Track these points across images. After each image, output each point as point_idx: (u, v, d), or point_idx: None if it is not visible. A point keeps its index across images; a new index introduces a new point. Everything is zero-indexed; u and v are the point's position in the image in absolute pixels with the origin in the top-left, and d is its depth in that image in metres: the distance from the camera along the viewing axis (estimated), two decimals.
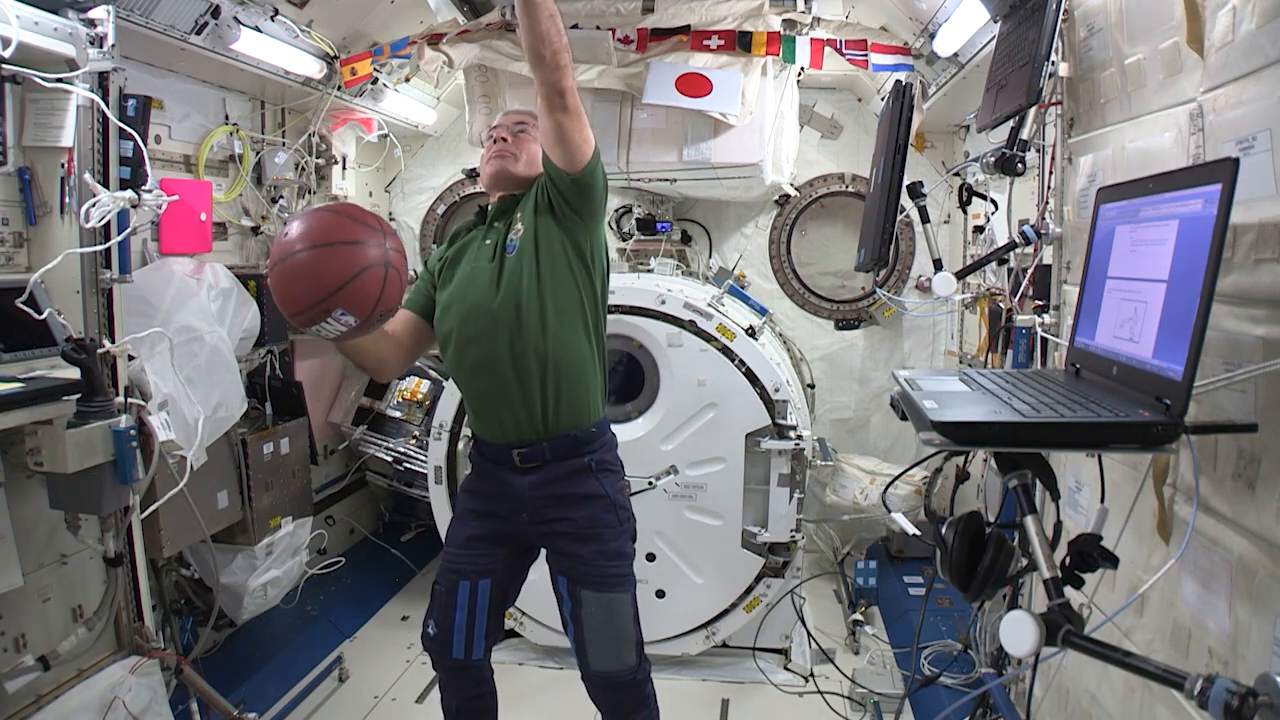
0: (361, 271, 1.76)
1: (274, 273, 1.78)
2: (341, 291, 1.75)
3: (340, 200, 4.04)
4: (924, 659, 3.03)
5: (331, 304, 1.75)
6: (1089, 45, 1.94)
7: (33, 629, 2.15)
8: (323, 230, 1.79)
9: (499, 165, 2.18)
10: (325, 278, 1.74)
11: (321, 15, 3.23)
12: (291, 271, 1.76)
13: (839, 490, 3.89)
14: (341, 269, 1.75)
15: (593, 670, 2.17)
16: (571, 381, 2.08)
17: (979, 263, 2.52)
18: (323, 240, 1.77)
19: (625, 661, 2.15)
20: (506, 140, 2.19)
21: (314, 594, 3.57)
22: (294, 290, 1.76)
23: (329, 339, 1.83)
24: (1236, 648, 1.28)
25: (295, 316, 1.78)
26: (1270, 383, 1.22)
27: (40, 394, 1.88)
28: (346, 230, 1.80)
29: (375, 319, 1.83)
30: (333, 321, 1.77)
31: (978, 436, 1.20)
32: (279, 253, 1.79)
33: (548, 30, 1.87)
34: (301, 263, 1.75)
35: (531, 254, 2.06)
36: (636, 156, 3.45)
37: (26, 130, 2.18)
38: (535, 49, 1.89)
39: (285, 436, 3.23)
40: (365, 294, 1.77)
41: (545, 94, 1.94)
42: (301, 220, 1.82)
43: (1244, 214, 1.26)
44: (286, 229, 1.82)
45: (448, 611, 2.19)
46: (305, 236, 1.77)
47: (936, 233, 3.27)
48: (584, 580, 2.13)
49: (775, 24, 3.26)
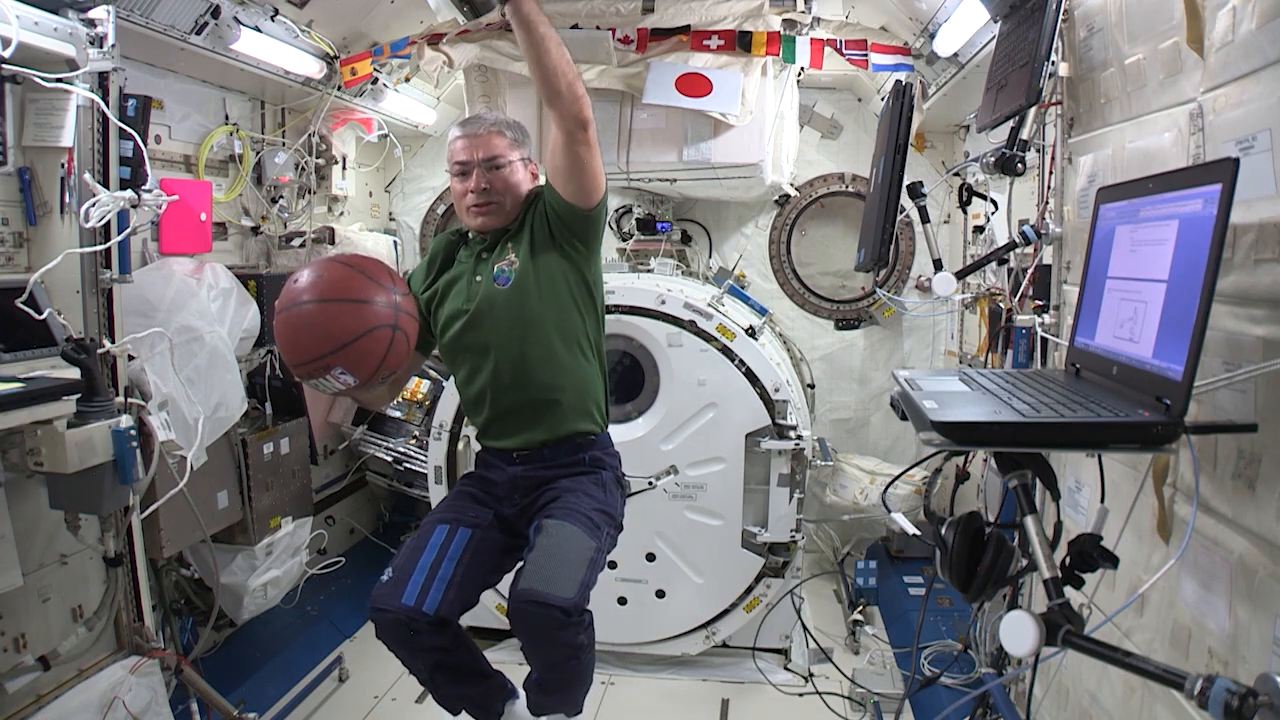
0: (367, 332, 1.70)
1: (279, 319, 1.74)
2: (343, 350, 1.69)
3: (341, 198, 4.05)
4: (924, 659, 3.02)
5: (332, 362, 1.69)
6: (1089, 45, 1.94)
7: (33, 629, 2.15)
8: (333, 283, 1.74)
9: (484, 221, 2.03)
10: (329, 334, 1.69)
11: (321, 15, 3.22)
12: (295, 321, 1.71)
13: (839, 490, 3.89)
14: (346, 327, 1.69)
15: (520, 589, 1.77)
16: (578, 399, 2.07)
17: (979, 263, 2.52)
18: (331, 295, 1.72)
19: (561, 590, 1.76)
20: (486, 189, 2.00)
21: (314, 594, 3.57)
22: (297, 340, 1.72)
23: (327, 394, 1.78)
24: (1236, 648, 1.28)
25: (295, 367, 1.74)
26: (1270, 383, 1.22)
27: (40, 394, 1.88)
28: (357, 286, 1.74)
29: (376, 380, 1.77)
30: (330, 379, 1.71)
31: (978, 436, 1.20)
32: (286, 299, 1.74)
33: (558, 62, 1.77)
34: (305, 314, 1.70)
35: (535, 289, 1.99)
36: (636, 156, 3.45)
37: (26, 130, 2.18)
38: (549, 83, 1.79)
39: (285, 436, 3.23)
40: (369, 355, 1.71)
41: (566, 128, 1.84)
42: (313, 269, 1.76)
43: (1244, 214, 1.26)
44: (297, 275, 1.77)
45: (413, 555, 1.94)
46: (314, 287, 1.72)
47: (936, 233, 3.27)
48: (552, 512, 1.93)
49: (775, 24, 3.26)
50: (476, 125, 2.04)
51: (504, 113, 3.46)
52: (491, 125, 2.03)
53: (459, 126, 2.07)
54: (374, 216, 4.52)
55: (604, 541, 1.97)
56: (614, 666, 3.33)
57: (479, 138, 2.02)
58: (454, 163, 2.04)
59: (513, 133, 2.06)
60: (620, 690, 3.22)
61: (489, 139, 2.01)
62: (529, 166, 2.10)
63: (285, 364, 1.80)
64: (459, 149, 2.03)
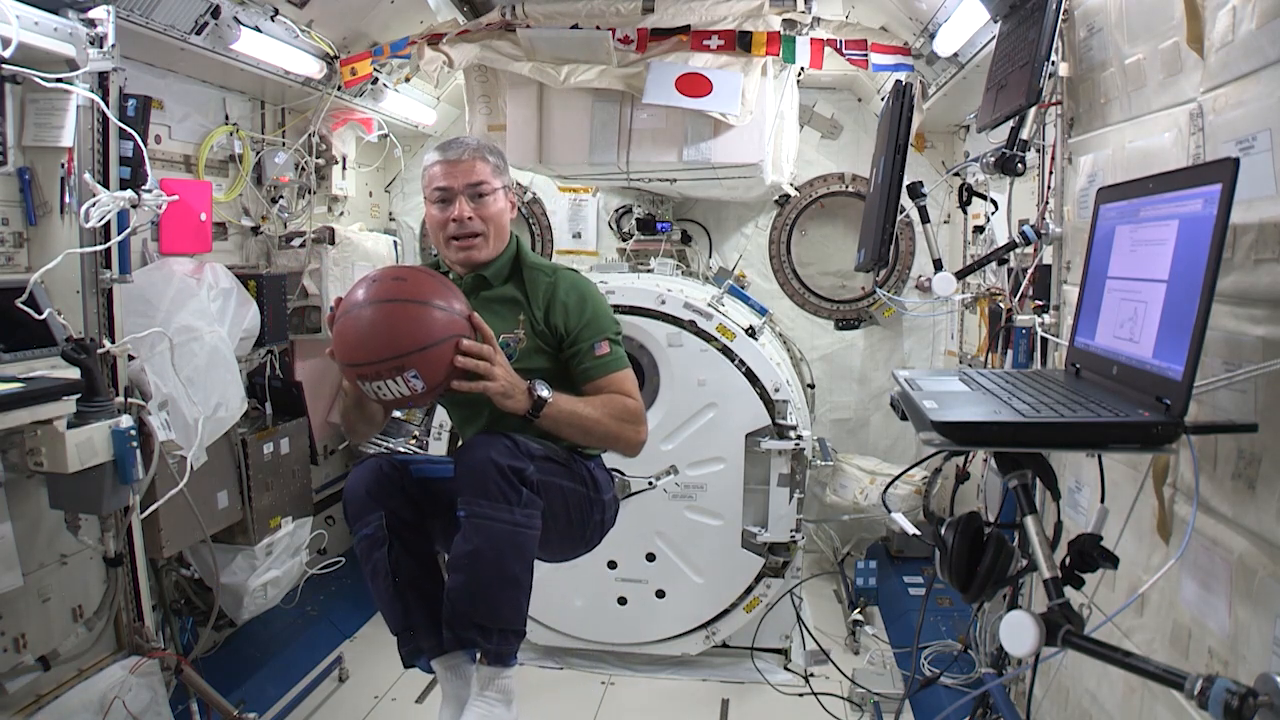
0: (447, 339, 1.66)
1: (361, 311, 1.65)
2: (424, 353, 1.62)
3: (341, 198, 4.05)
4: (924, 659, 3.02)
5: (409, 363, 1.62)
6: (1089, 45, 1.94)
7: (33, 629, 2.15)
8: (425, 287, 1.70)
9: (466, 257, 1.91)
10: (415, 333, 1.63)
11: (321, 15, 3.22)
12: (376, 317, 1.64)
13: (839, 490, 3.89)
14: (430, 330, 1.64)
15: (462, 455, 1.73)
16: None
17: (979, 263, 2.52)
18: (423, 297, 1.67)
19: (518, 455, 1.71)
20: (470, 220, 1.87)
21: (314, 594, 3.57)
22: (379, 335, 1.63)
23: (380, 399, 1.69)
24: (1236, 648, 1.28)
25: (367, 364, 1.63)
26: (1270, 383, 1.22)
27: (40, 394, 1.88)
28: (442, 293, 1.71)
29: (438, 392, 1.69)
30: (399, 381, 1.63)
31: (978, 436, 1.20)
32: (375, 293, 1.66)
33: (606, 433, 1.86)
34: (397, 311, 1.64)
35: (535, 368, 1.89)
36: (636, 156, 3.45)
37: (26, 130, 2.18)
38: (612, 448, 1.93)
39: (285, 436, 3.23)
40: (442, 362, 1.65)
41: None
42: (395, 272, 1.72)
43: (1244, 214, 1.26)
44: (375, 275, 1.73)
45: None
46: (407, 286, 1.68)
47: (936, 233, 3.27)
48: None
49: (775, 24, 3.26)
50: (458, 150, 1.89)
51: (503, 113, 3.49)
52: (474, 150, 1.90)
53: (437, 151, 1.92)
54: (374, 216, 4.52)
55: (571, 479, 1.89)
56: (614, 666, 3.34)
57: (461, 163, 1.87)
58: (433, 188, 1.88)
59: (495, 158, 1.93)
60: (620, 690, 3.22)
61: (472, 164, 1.88)
62: (510, 195, 1.98)
63: (347, 362, 1.65)
64: (438, 174, 1.88)
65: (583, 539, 2.00)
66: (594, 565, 3.10)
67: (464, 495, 1.69)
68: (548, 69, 3.26)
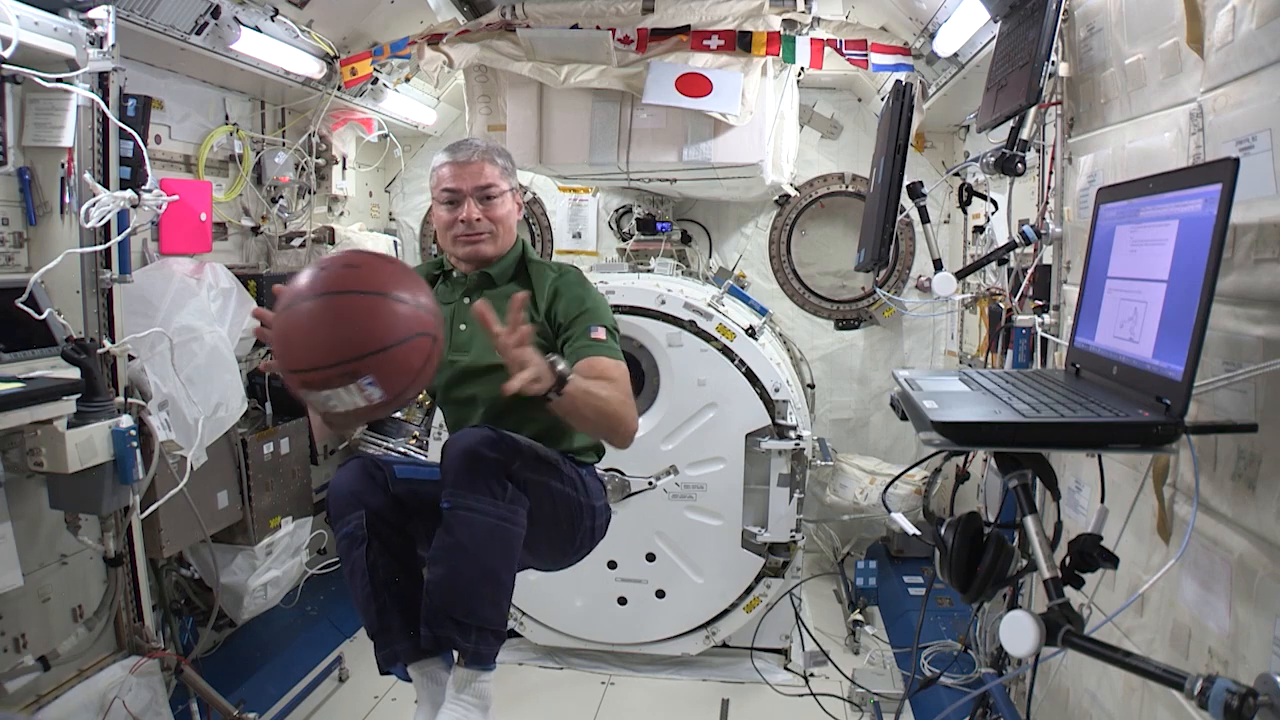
0: (411, 338, 1.39)
1: (299, 309, 1.38)
2: (382, 355, 1.36)
3: (341, 198, 4.05)
4: (924, 659, 3.02)
5: (363, 367, 1.34)
6: (1089, 45, 1.94)
7: (33, 629, 2.15)
8: (382, 274, 1.43)
9: (473, 251, 1.90)
10: (369, 332, 1.36)
11: (321, 15, 3.23)
12: (321, 312, 1.36)
13: (839, 490, 3.89)
14: (390, 327, 1.37)
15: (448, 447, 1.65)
16: (573, 436, 1.97)
17: (979, 263, 2.52)
18: (382, 288, 1.40)
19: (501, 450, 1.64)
20: (478, 221, 1.88)
21: (314, 594, 3.57)
22: (315, 337, 1.35)
23: (329, 412, 1.40)
24: (1236, 648, 1.28)
25: (311, 370, 1.36)
26: (1270, 383, 1.22)
27: (40, 394, 1.88)
28: (403, 281, 1.44)
29: (402, 402, 1.46)
30: (352, 391, 1.35)
31: (978, 436, 1.20)
32: (315, 285, 1.39)
33: (612, 416, 1.71)
34: (343, 305, 1.37)
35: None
36: (636, 156, 3.45)
37: (26, 130, 2.18)
38: (603, 435, 1.83)
39: (285, 436, 3.23)
40: (406, 366, 1.40)
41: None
42: (346, 256, 1.46)
43: (1244, 214, 1.26)
44: (324, 261, 1.46)
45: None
46: (353, 274, 1.40)
47: (936, 233, 3.27)
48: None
49: (775, 24, 3.26)
50: (467, 151, 1.90)
51: (503, 113, 3.49)
52: (483, 153, 1.91)
53: (446, 152, 1.93)
54: (374, 216, 4.52)
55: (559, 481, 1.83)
56: (614, 666, 3.34)
57: (470, 165, 1.89)
58: (441, 189, 1.90)
59: (503, 160, 1.95)
60: (620, 690, 3.22)
61: (481, 166, 1.89)
62: (516, 197, 1.99)
63: (287, 367, 1.38)
64: (447, 176, 1.89)
65: (572, 545, 1.94)
66: (594, 565, 3.09)
67: (448, 487, 1.62)
68: (548, 69, 3.26)
